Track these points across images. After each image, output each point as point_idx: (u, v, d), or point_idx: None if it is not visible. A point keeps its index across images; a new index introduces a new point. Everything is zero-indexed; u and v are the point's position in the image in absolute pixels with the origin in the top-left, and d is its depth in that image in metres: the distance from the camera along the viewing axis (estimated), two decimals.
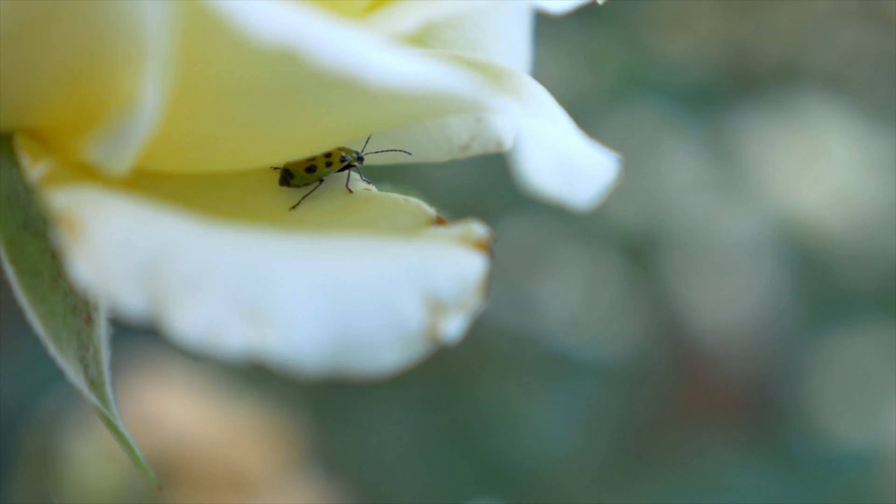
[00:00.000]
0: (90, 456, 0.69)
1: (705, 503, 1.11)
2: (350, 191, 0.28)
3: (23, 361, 0.87)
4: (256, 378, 0.86)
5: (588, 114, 1.28)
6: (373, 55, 0.22)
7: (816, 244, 1.38)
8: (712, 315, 1.34)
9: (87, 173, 0.24)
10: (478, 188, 1.15)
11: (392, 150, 0.28)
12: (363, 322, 0.22)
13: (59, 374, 0.25)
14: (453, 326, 0.23)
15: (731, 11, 1.58)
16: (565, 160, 0.25)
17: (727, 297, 1.35)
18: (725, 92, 1.47)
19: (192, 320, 0.21)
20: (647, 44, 1.46)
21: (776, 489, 1.13)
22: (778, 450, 1.24)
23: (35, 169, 0.24)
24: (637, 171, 1.33)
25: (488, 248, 0.24)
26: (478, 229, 0.25)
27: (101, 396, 0.26)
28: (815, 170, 1.45)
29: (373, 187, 0.28)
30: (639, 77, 1.37)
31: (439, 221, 0.26)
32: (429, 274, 0.23)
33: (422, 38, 0.28)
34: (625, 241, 1.29)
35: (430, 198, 0.27)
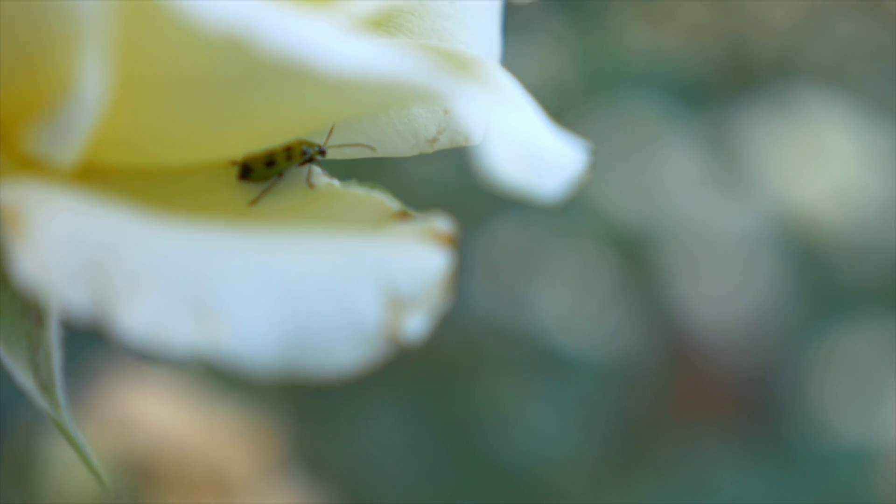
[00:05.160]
0: (70, 459, 0.68)
1: (702, 501, 1.11)
2: (311, 185, 0.27)
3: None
4: (238, 379, 0.85)
5: (582, 109, 1.27)
6: (323, 41, 0.21)
7: (815, 239, 1.37)
8: (709, 311, 1.33)
9: (35, 168, 0.23)
10: (468, 185, 1.14)
11: (355, 145, 0.27)
12: (317, 319, 0.21)
13: None
14: (415, 324, 0.22)
15: (728, 5, 1.58)
16: (532, 150, 0.24)
17: (725, 294, 1.34)
18: (723, 86, 1.46)
19: (137, 318, 0.20)
20: (643, 38, 1.45)
21: (774, 486, 1.12)
22: (775, 447, 1.23)
23: None
24: (633, 166, 1.32)
25: (453, 242, 0.23)
26: (441, 224, 0.24)
27: (52, 400, 0.25)
28: (813, 164, 1.44)
29: (336, 182, 0.27)
30: (635, 72, 1.36)
31: (403, 216, 0.25)
32: (388, 269, 0.22)
33: (385, 28, 0.27)
34: (620, 237, 1.28)
35: (416, 196, 0.26)
